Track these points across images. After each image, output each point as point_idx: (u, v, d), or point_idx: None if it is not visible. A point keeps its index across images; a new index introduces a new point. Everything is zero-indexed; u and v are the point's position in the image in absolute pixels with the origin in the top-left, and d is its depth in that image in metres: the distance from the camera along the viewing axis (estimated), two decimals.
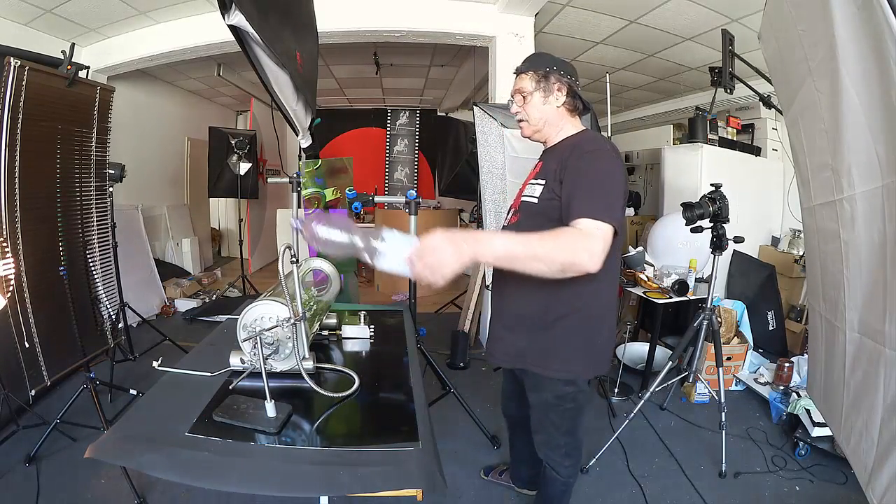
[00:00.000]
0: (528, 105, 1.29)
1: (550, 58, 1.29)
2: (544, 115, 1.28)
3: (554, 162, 1.22)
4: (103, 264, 2.54)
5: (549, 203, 1.18)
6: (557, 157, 1.21)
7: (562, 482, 1.45)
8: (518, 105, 1.30)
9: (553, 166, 1.21)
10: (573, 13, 3.26)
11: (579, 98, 1.28)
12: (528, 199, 1.26)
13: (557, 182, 1.16)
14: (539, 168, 1.31)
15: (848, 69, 1.01)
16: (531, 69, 1.28)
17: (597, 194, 1.07)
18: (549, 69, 1.26)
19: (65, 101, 2.18)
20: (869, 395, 1.12)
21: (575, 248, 0.97)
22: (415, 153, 7.07)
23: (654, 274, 2.91)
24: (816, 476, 1.98)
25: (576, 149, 1.18)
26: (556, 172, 1.18)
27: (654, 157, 5.35)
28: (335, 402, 1.12)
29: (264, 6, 1.42)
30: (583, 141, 1.22)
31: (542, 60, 1.28)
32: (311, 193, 2.87)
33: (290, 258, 1.16)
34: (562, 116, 1.29)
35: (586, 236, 1.00)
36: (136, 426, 0.97)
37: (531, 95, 1.27)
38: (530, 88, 1.27)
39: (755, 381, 2.70)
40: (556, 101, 1.27)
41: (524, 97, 1.28)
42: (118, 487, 1.78)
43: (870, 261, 1.08)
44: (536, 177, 1.28)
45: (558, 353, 1.24)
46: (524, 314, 1.26)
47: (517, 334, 1.28)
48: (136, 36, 3.47)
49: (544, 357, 1.25)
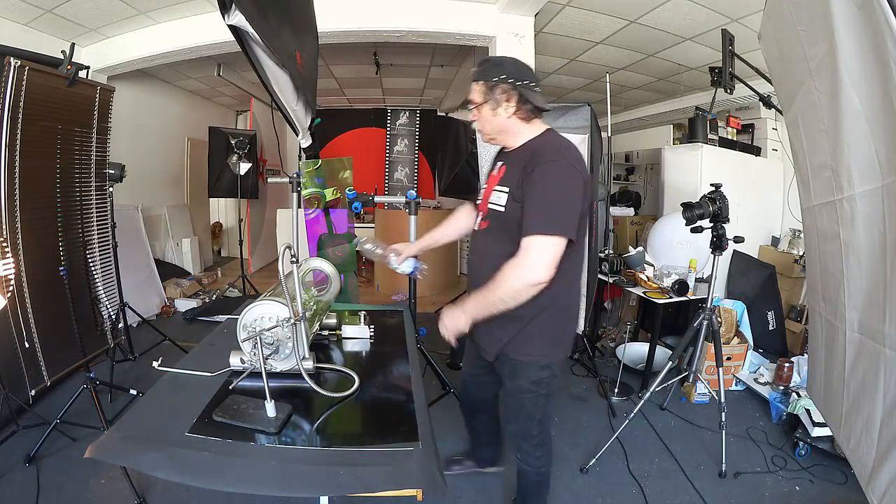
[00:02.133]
0: (479, 116, 1.29)
1: (502, 65, 1.26)
2: (496, 125, 1.29)
3: (516, 169, 1.25)
4: (103, 264, 2.54)
5: (516, 211, 1.22)
6: (520, 164, 1.24)
7: (534, 473, 1.51)
8: (472, 114, 1.31)
9: (516, 175, 1.24)
10: (573, 13, 3.26)
11: (531, 103, 1.25)
12: (494, 206, 1.30)
13: (520, 191, 1.21)
14: (503, 173, 1.32)
15: (848, 69, 1.01)
16: (480, 78, 1.26)
17: (547, 209, 1.16)
18: (497, 79, 1.23)
19: (65, 101, 2.18)
20: (869, 395, 1.12)
21: (514, 280, 1.16)
22: (415, 153, 7.07)
23: (654, 274, 2.91)
24: (816, 476, 1.98)
25: (535, 158, 1.20)
26: (518, 181, 1.22)
27: (654, 157, 5.36)
28: (335, 402, 1.12)
29: (264, 6, 1.42)
30: (542, 150, 1.23)
31: (492, 69, 1.26)
32: (311, 193, 2.87)
33: (290, 258, 1.16)
34: (515, 124, 1.28)
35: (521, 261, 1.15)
36: (136, 426, 0.97)
37: (480, 107, 1.27)
38: (479, 100, 1.27)
39: (755, 381, 2.70)
40: (506, 112, 1.26)
41: (476, 108, 1.28)
42: (118, 487, 1.78)
43: (870, 261, 1.08)
44: (501, 183, 1.30)
45: (537, 340, 1.32)
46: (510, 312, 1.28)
47: (506, 330, 1.33)
48: (136, 36, 3.46)
49: (526, 345, 1.33)
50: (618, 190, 5.82)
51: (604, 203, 3.01)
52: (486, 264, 1.27)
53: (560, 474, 2.00)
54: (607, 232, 3.14)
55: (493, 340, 1.37)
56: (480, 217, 1.37)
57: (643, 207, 5.56)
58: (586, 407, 2.61)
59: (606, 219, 3.12)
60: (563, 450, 2.18)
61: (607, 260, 3.01)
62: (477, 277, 1.36)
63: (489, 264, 1.25)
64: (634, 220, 4.40)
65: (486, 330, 1.36)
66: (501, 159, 1.38)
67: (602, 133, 3.29)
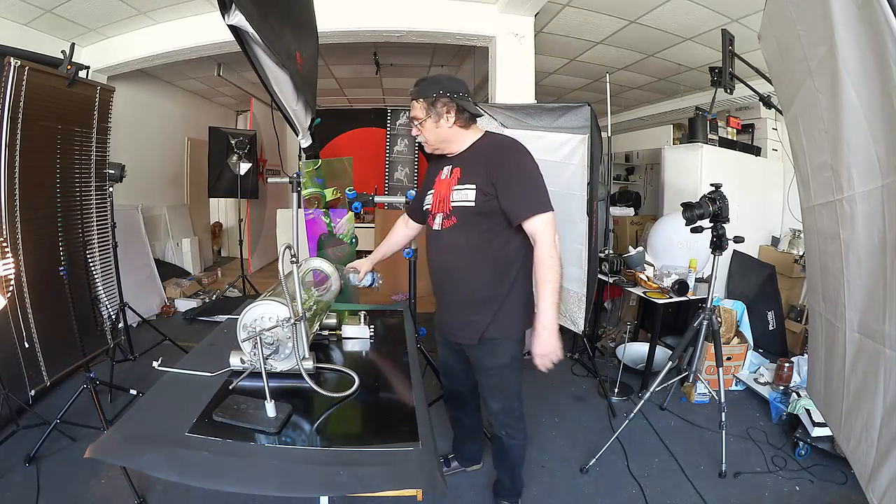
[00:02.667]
0: (424, 130, 1.42)
1: (438, 81, 1.40)
2: (440, 136, 1.42)
3: (476, 167, 1.37)
4: (103, 264, 2.54)
5: (486, 204, 1.34)
6: (478, 162, 1.38)
7: (519, 445, 1.63)
8: (415, 129, 1.44)
9: (478, 171, 1.36)
10: (573, 13, 3.26)
11: (467, 111, 1.40)
12: (462, 203, 1.38)
13: (489, 184, 1.33)
14: (459, 174, 1.41)
15: (848, 69, 1.00)
16: (420, 97, 1.39)
17: (532, 191, 1.32)
18: (435, 95, 1.37)
19: (65, 101, 2.18)
20: (869, 395, 1.12)
21: (551, 260, 1.30)
22: (415, 153, 7.06)
23: (654, 274, 2.91)
24: (816, 476, 1.98)
25: (498, 152, 1.37)
26: (484, 176, 1.34)
27: (654, 157, 5.36)
28: (335, 402, 1.12)
29: (264, 6, 1.42)
30: (504, 145, 1.40)
31: (430, 86, 1.38)
32: (311, 193, 2.87)
33: (290, 258, 1.16)
34: (457, 133, 1.42)
35: (543, 240, 1.30)
36: (136, 426, 0.97)
37: (424, 122, 1.41)
38: (422, 116, 1.40)
39: (755, 381, 2.70)
40: (448, 123, 1.40)
41: (420, 123, 1.42)
42: (118, 487, 1.78)
43: (870, 261, 1.07)
44: (461, 182, 1.39)
45: (513, 316, 1.44)
46: (486, 294, 1.41)
47: (483, 314, 1.42)
48: (136, 36, 3.47)
49: (506, 323, 1.43)
50: (618, 190, 5.81)
51: (604, 203, 3.01)
52: (460, 257, 1.41)
53: (560, 474, 2.01)
54: (607, 232, 3.14)
55: (474, 328, 1.44)
56: (441, 217, 1.44)
57: (643, 207, 5.56)
58: (586, 407, 2.61)
59: (606, 219, 3.12)
60: (563, 450, 2.18)
61: (607, 260, 3.01)
62: (451, 274, 1.45)
63: (464, 256, 1.40)
64: (634, 220, 4.41)
65: (462, 321, 1.45)
66: (449, 164, 1.46)
67: (602, 133, 3.28)
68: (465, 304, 1.45)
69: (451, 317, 1.51)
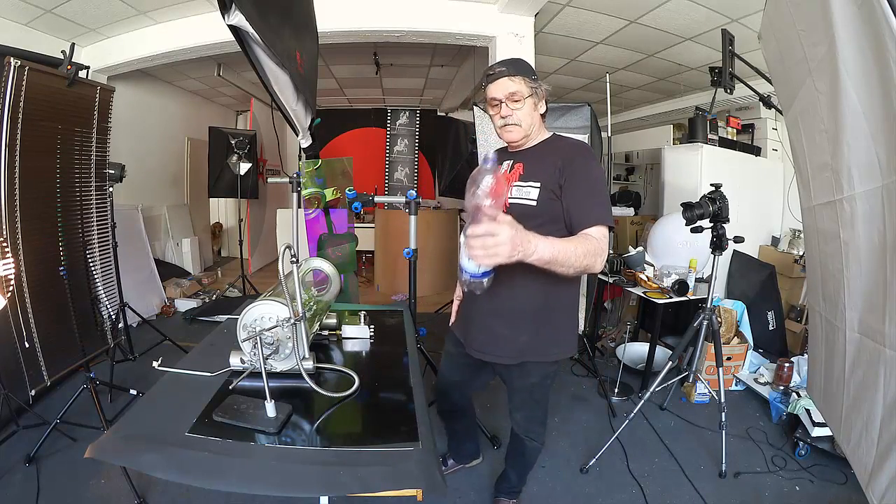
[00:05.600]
0: (522, 109, 1.28)
1: (529, 65, 1.32)
2: (534, 120, 1.32)
3: (545, 165, 1.27)
4: (103, 264, 2.54)
5: (549, 204, 1.24)
6: (548, 160, 1.27)
7: (538, 447, 1.60)
8: (509, 108, 1.29)
9: (547, 169, 1.25)
10: (573, 13, 3.26)
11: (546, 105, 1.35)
12: (521, 201, 1.27)
13: (557, 185, 1.23)
14: (521, 170, 1.31)
15: (848, 69, 1.00)
16: (523, 74, 1.28)
17: (602, 201, 1.21)
18: (535, 76, 1.30)
19: (65, 101, 2.18)
20: (869, 395, 1.12)
21: (595, 257, 1.12)
22: (415, 153, 7.07)
23: (654, 274, 2.91)
24: (816, 476, 1.98)
25: (573, 154, 1.26)
26: (553, 175, 1.24)
27: (654, 157, 5.36)
28: (335, 402, 1.12)
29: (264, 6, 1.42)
30: (575, 146, 1.30)
31: (527, 67, 1.30)
32: (311, 193, 2.87)
33: (290, 258, 1.16)
34: (540, 122, 1.35)
35: (600, 245, 1.15)
36: (136, 426, 0.96)
37: (527, 100, 1.28)
38: (526, 93, 1.27)
39: (755, 381, 2.70)
40: (541, 109, 1.33)
41: (517, 101, 1.27)
42: (118, 487, 1.78)
43: (870, 261, 1.07)
44: (524, 179, 1.29)
45: (558, 339, 1.36)
46: (527, 310, 1.31)
47: (520, 330, 1.32)
48: (136, 36, 3.46)
49: (547, 346, 1.34)
50: (618, 190, 5.82)
51: None
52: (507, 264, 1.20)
53: (560, 474, 2.00)
54: None
55: (511, 346, 1.34)
56: None
57: (643, 207, 5.57)
58: (586, 407, 2.61)
59: None
60: (563, 450, 2.18)
61: (607, 260, 3.01)
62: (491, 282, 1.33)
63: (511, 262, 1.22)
64: (634, 220, 4.40)
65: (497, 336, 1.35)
66: (510, 158, 1.37)
67: (602, 133, 3.29)
68: (503, 319, 1.33)
69: (484, 332, 1.38)
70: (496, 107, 1.30)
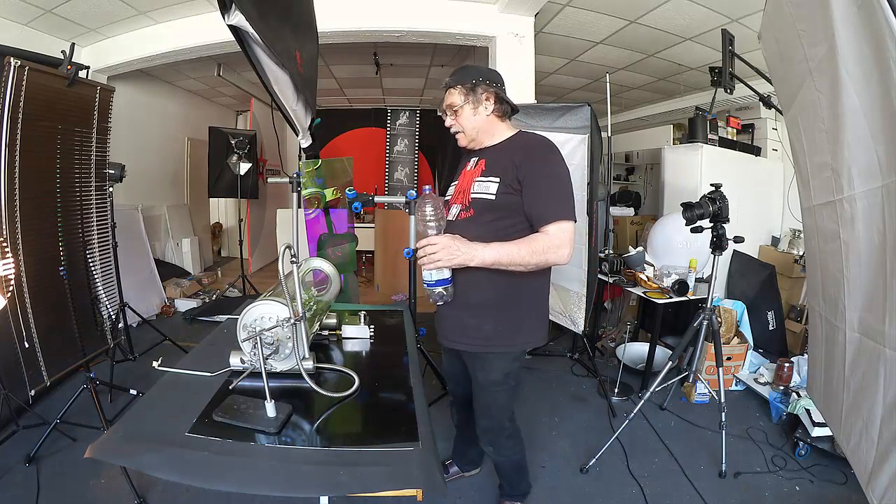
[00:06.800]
0: (460, 118, 1.38)
1: (476, 69, 1.39)
2: (476, 124, 1.38)
3: (504, 160, 1.32)
4: (103, 264, 2.54)
5: (507, 198, 1.29)
6: (506, 157, 1.32)
7: (510, 460, 1.60)
8: (451, 119, 1.40)
9: (505, 164, 1.31)
10: (573, 13, 3.26)
11: (507, 102, 1.38)
12: (481, 196, 1.33)
13: (515, 180, 1.28)
14: (483, 166, 1.38)
15: (848, 69, 1.00)
16: (458, 83, 1.36)
17: (561, 196, 1.26)
18: (475, 81, 1.34)
19: (65, 101, 2.18)
20: (869, 395, 1.12)
21: (546, 254, 1.22)
22: (415, 153, 7.07)
23: (654, 274, 2.91)
24: (816, 476, 1.98)
25: (531, 150, 1.31)
26: (511, 171, 1.29)
27: (654, 157, 5.36)
28: (335, 402, 1.12)
29: (264, 6, 1.42)
30: (536, 144, 1.34)
31: (469, 73, 1.37)
32: (311, 193, 2.86)
33: (290, 258, 1.16)
34: (493, 123, 1.39)
35: (554, 240, 1.23)
36: (136, 426, 0.96)
37: (461, 109, 1.37)
38: (460, 102, 1.36)
39: (755, 381, 2.70)
40: (486, 111, 1.37)
41: (455, 111, 1.38)
42: (118, 487, 1.78)
43: (870, 261, 1.07)
44: (485, 174, 1.35)
45: (522, 327, 1.38)
46: (491, 301, 1.34)
47: (484, 319, 1.36)
48: (136, 36, 3.47)
49: (512, 333, 1.37)
50: (618, 190, 5.82)
51: (604, 203, 3.01)
52: None
53: (560, 474, 2.01)
54: (607, 232, 3.14)
55: (471, 335, 1.38)
56: (458, 209, 1.40)
57: (643, 207, 5.56)
58: (586, 407, 2.61)
59: (606, 219, 3.12)
60: (563, 450, 2.18)
61: (607, 260, 3.01)
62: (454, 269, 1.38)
63: None
64: (634, 220, 4.41)
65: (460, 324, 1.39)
66: (476, 155, 1.43)
67: (602, 133, 3.28)
68: (465, 306, 1.36)
69: (449, 319, 1.43)
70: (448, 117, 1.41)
